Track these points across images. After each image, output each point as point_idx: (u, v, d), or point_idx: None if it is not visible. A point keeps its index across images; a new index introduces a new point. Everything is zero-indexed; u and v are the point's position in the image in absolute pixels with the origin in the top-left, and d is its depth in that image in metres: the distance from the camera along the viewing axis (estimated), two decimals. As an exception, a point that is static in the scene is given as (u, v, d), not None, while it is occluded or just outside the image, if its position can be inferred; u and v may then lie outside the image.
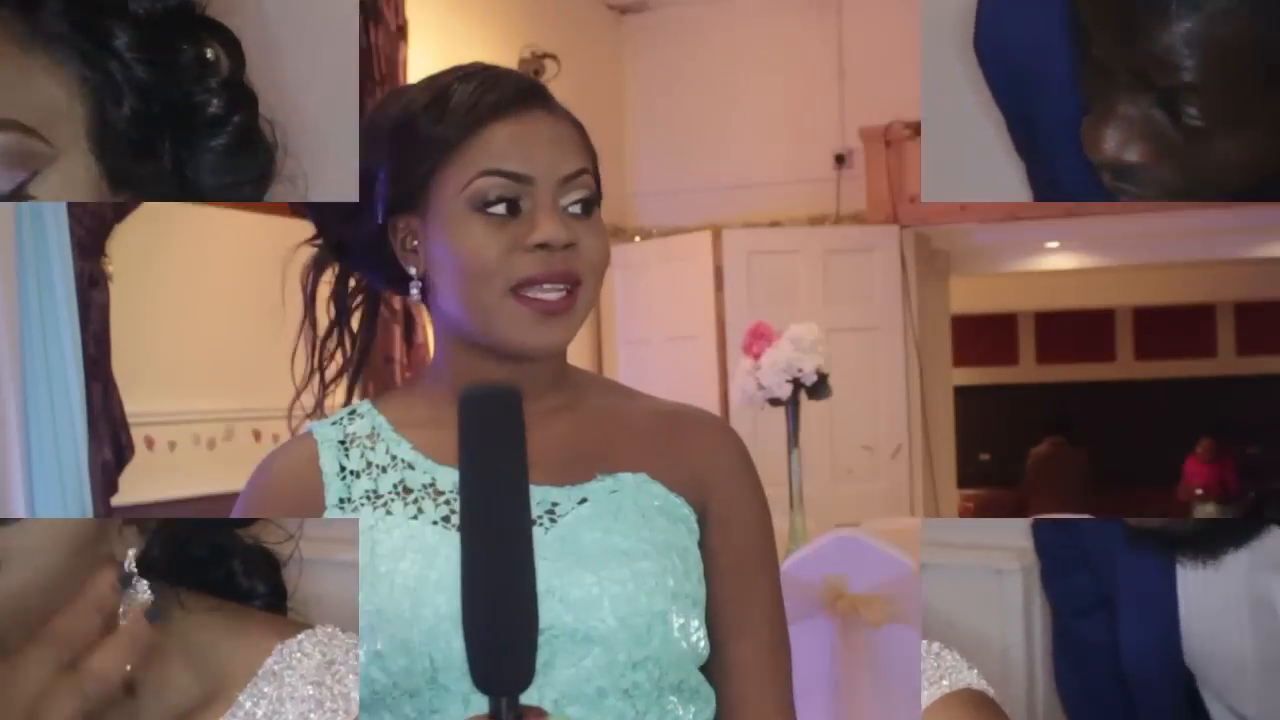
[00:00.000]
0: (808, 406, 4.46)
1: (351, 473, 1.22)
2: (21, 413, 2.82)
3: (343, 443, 1.24)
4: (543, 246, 1.16)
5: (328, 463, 1.23)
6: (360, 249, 1.25)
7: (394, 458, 1.22)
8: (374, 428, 1.25)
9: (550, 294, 1.16)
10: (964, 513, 7.83)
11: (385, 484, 1.21)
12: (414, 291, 1.22)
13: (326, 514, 1.20)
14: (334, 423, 1.27)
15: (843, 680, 4.01)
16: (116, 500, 3.19)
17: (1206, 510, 9.79)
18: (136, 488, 3.32)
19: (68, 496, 2.90)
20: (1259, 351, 11.13)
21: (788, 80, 6.35)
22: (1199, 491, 9.98)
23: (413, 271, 1.22)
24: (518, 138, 1.18)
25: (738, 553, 1.24)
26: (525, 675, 0.94)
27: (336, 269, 1.29)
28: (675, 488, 1.22)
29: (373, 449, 1.23)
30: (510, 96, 1.19)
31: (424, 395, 1.27)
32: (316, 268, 1.28)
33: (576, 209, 1.19)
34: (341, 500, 1.21)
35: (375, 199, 1.23)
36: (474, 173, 1.17)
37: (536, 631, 0.95)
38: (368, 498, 1.20)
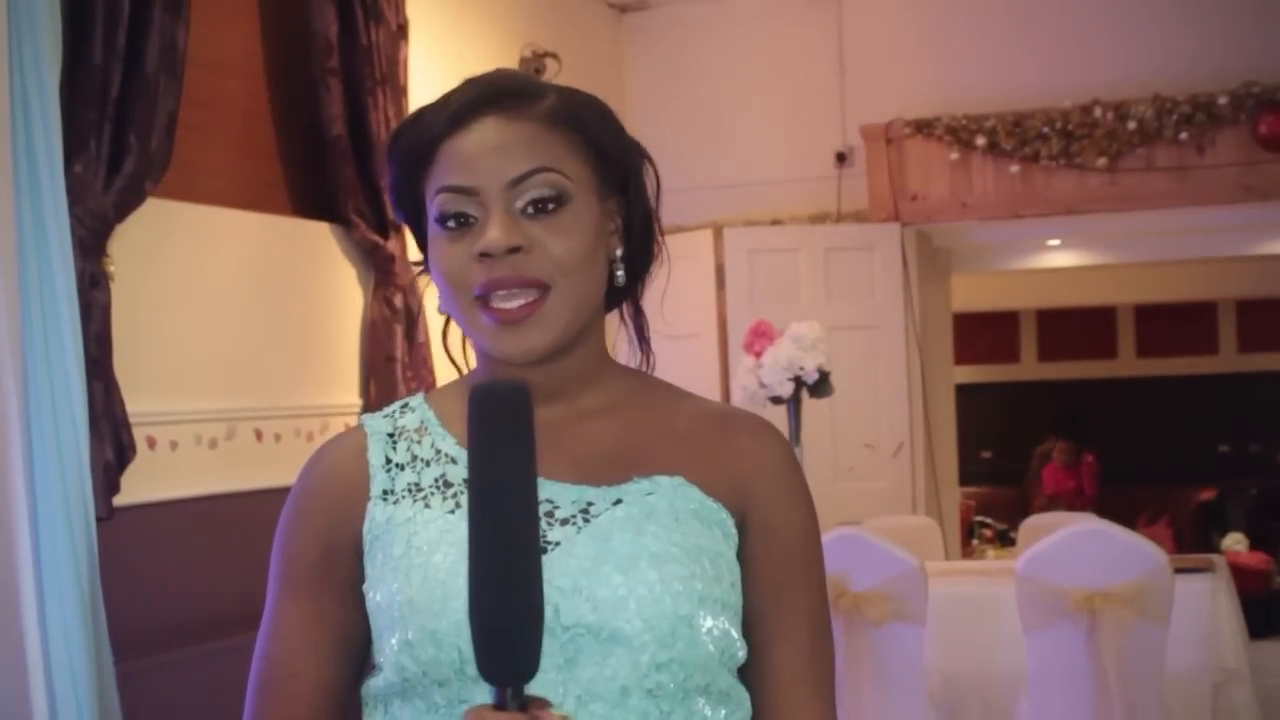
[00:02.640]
0: (809, 405, 4.46)
1: (397, 465, 1.25)
2: (23, 413, 2.82)
3: (391, 435, 1.27)
4: (486, 255, 1.17)
5: (375, 455, 1.25)
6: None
7: (439, 452, 1.25)
8: (423, 421, 1.28)
9: (507, 303, 1.18)
10: (965, 511, 7.82)
11: (427, 478, 1.23)
12: (441, 305, 1.26)
13: (370, 505, 1.23)
14: (386, 415, 1.30)
15: (845, 678, 4.01)
16: (119, 500, 3.19)
17: (1060, 516, 9.49)
18: (138, 488, 3.33)
19: (70, 497, 2.90)
20: (1261, 349, 11.12)
21: (788, 78, 6.35)
22: (1049, 499, 9.76)
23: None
24: (463, 150, 1.20)
25: (780, 559, 1.23)
26: (528, 666, 0.96)
27: None
28: (715, 492, 1.22)
29: (419, 442, 1.26)
30: (463, 108, 1.21)
31: (468, 391, 1.29)
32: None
33: (530, 210, 1.19)
34: (385, 492, 1.23)
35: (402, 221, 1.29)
36: (434, 191, 1.21)
37: (540, 624, 0.96)
38: (409, 491, 1.22)
